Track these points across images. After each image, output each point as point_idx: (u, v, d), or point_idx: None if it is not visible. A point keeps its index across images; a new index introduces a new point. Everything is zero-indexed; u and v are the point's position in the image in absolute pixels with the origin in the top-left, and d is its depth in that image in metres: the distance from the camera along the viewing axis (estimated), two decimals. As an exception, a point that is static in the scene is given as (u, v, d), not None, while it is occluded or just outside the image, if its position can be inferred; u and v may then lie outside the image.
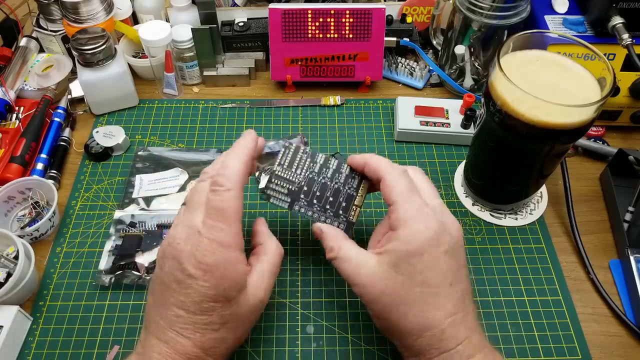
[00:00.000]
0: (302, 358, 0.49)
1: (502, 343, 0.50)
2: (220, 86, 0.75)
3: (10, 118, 0.67)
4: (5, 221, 0.58)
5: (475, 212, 0.60)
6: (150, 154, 0.65)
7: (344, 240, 0.44)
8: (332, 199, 0.47)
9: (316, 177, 0.48)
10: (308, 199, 0.47)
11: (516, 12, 0.63)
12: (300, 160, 0.48)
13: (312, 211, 0.47)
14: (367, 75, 0.71)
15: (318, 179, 0.48)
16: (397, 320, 0.39)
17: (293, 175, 0.48)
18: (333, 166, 0.48)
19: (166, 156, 0.64)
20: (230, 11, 0.76)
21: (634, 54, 0.58)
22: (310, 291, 0.53)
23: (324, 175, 0.48)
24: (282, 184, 0.47)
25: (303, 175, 0.48)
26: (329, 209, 0.47)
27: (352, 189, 0.47)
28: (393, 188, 0.42)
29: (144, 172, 0.63)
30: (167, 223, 0.57)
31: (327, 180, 0.48)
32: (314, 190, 0.47)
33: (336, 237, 0.44)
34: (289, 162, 0.48)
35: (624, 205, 0.58)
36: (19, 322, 0.49)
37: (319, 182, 0.47)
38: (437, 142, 0.67)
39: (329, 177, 0.48)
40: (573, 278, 0.55)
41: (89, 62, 0.64)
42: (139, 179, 0.62)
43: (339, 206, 0.47)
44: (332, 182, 0.47)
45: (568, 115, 0.45)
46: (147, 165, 0.63)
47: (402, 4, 0.76)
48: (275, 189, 0.47)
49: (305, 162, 0.48)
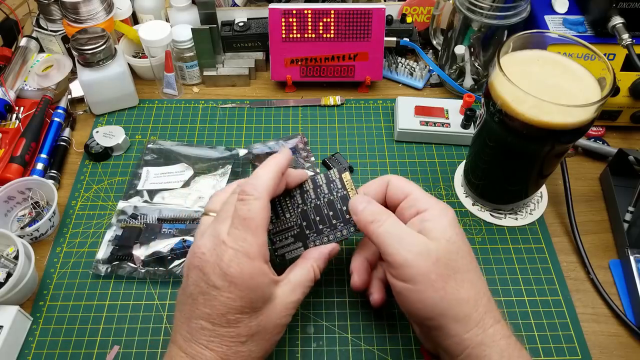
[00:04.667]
0: (302, 358, 0.49)
1: (502, 343, 0.50)
2: (220, 86, 0.75)
3: (10, 118, 0.67)
4: (5, 221, 0.58)
5: (475, 212, 0.60)
6: (160, 147, 0.65)
7: (389, 214, 0.42)
8: (332, 212, 0.46)
9: (304, 206, 0.47)
10: (314, 230, 0.46)
11: (516, 12, 0.63)
12: (281, 205, 0.47)
13: (326, 236, 0.46)
14: (367, 75, 0.71)
15: (307, 207, 0.47)
16: (454, 289, 0.38)
17: (286, 222, 0.47)
18: (311, 185, 0.47)
19: (175, 150, 0.65)
20: (230, 11, 0.76)
21: (634, 54, 0.58)
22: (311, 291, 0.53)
23: (310, 199, 0.47)
24: (285, 236, 0.47)
25: (294, 214, 0.47)
26: (335, 222, 0.46)
27: (340, 190, 0.47)
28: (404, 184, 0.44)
29: (152, 164, 0.63)
30: (168, 217, 0.57)
31: (316, 201, 0.47)
32: (312, 219, 0.46)
33: (381, 210, 0.42)
34: (274, 214, 0.47)
35: (624, 205, 0.58)
36: (19, 322, 0.49)
37: (311, 208, 0.47)
38: (437, 142, 0.67)
39: (314, 196, 0.47)
40: (573, 278, 0.55)
41: (89, 62, 0.64)
42: (146, 171, 0.62)
43: (342, 213, 0.46)
44: (321, 199, 0.47)
45: (568, 115, 0.45)
46: (156, 158, 0.64)
47: (402, 4, 0.76)
48: (283, 245, 0.47)
49: (286, 203, 0.47)
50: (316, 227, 0.46)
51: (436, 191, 0.62)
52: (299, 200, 0.47)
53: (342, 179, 0.47)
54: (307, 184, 0.47)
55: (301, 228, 0.46)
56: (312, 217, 0.46)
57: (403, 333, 0.50)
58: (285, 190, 0.46)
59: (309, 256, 0.44)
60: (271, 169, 0.42)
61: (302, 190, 0.47)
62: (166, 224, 0.57)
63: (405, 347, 0.49)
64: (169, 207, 0.58)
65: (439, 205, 0.42)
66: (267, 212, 0.39)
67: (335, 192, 0.47)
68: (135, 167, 0.63)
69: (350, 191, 0.46)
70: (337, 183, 0.47)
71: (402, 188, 0.43)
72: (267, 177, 0.41)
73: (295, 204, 0.47)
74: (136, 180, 0.61)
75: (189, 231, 0.56)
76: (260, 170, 0.41)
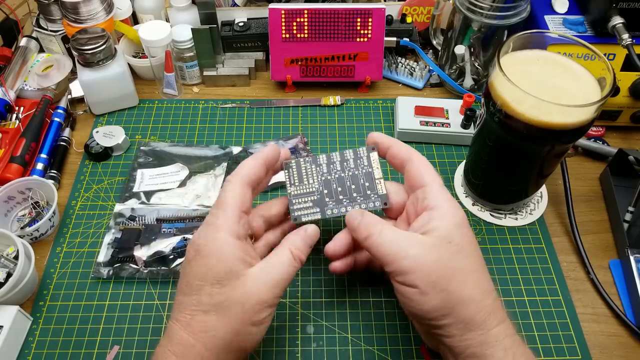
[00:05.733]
0: (302, 358, 0.49)
1: (502, 343, 0.50)
2: (220, 86, 0.75)
3: (10, 118, 0.67)
4: (5, 221, 0.58)
5: (475, 212, 0.60)
6: (152, 149, 0.65)
7: (383, 223, 0.43)
8: (354, 186, 0.47)
9: (328, 176, 0.48)
10: (334, 199, 0.47)
11: (516, 12, 0.63)
12: (307, 171, 0.48)
13: (344, 206, 0.47)
14: (367, 75, 0.71)
15: (331, 176, 0.48)
16: (457, 290, 0.38)
17: (309, 186, 0.48)
18: (338, 158, 0.48)
19: (168, 151, 0.65)
20: (230, 11, 0.76)
21: (634, 54, 0.58)
22: (310, 291, 0.53)
23: (335, 170, 0.48)
24: (304, 199, 0.47)
25: (317, 181, 0.48)
26: (356, 196, 0.47)
27: (365, 167, 0.48)
28: (424, 172, 0.44)
29: (146, 166, 0.63)
30: (166, 217, 0.57)
31: (340, 173, 0.48)
32: (334, 188, 0.47)
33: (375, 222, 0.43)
34: (297, 178, 0.48)
35: (624, 205, 0.58)
36: (19, 322, 0.49)
37: (334, 179, 0.48)
38: (437, 142, 0.67)
39: (340, 169, 0.48)
40: (573, 278, 0.55)
41: (89, 62, 0.64)
42: (141, 174, 0.62)
43: (364, 188, 0.47)
44: (345, 172, 0.48)
45: (568, 115, 0.45)
46: (150, 160, 0.64)
47: (402, 4, 0.76)
48: (301, 208, 0.47)
49: (312, 170, 0.48)
50: (336, 196, 0.47)
51: (436, 191, 0.62)
52: (324, 170, 0.48)
53: (369, 157, 0.48)
54: (335, 156, 0.48)
55: (322, 195, 0.47)
56: (334, 187, 0.47)
57: (403, 333, 0.50)
58: (313, 158, 0.48)
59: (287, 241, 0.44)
60: (253, 159, 0.44)
61: (330, 161, 0.48)
62: (165, 224, 0.57)
63: (405, 347, 0.49)
64: (167, 207, 0.58)
65: (449, 205, 0.42)
66: (238, 194, 0.42)
67: (361, 168, 0.48)
68: (130, 169, 0.63)
69: (376, 169, 0.47)
70: (364, 160, 0.48)
71: (420, 175, 0.43)
72: (247, 165, 0.44)
73: (320, 172, 0.48)
74: (131, 183, 0.61)
75: (189, 229, 0.56)
76: (244, 161, 0.45)
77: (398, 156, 0.46)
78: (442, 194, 0.42)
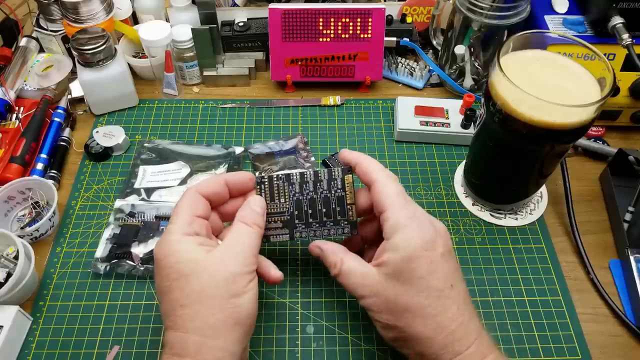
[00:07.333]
0: (302, 358, 0.49)
1: (502, 343, 0.50)
2: (220, 86, 0.75)
3: (10, 118, 0.67)
4: (5, 221, 0.58)
5: (475, 212, 0.60)
6: (155, 146, 0.65)
7: (344, 254, 0.44)
8: (325, 209, 0.47)
9: (300, 196, 0.47)
10: (304, 222, 0.47)
11: (516, 12, 0.63)
12: (279, 188, 0.47)
13: (313, 231, 0.46)
14: (367, 75, 0.71)
15: (303, 197, 0.47)
16: (406, 327, 0.39)
17: (279, 206, 0.47)
18: (312, 178, 0.47)
19: (171, 149, 0.65)
20: (230, 11, 0.76)
21: (634, 54, 0.58)
22: (310, 291, 0.53)
23: (307, 190, 0.47)
24: (274, 219, 0.47)
25: (288, 200, 0.47)
26: (326, 220, 0.46)
27: (339, 191, 0.47)
28: (385, 194, 0.42)
29: (148, 163, 0.63)
30: (166, 215, 0.57)
31: (312, 194, 0.47)
32: (305, 210, 0.47)
33: (336, 253, 0.44)
34: (269, 195, 0.47)
35: (624, 205, 0.58)
36: (19, 322, 0.49)
37: (306, 200, 0.47)
38: (437, 142, 0.67)
39: (312, 189, 0.47)
40: (573, 278, 0.55)
41: (89, 62, 0.64)
42: (142, 170, 0.62)
43: (335, 213, 0.46)
44: (317, 194, 0.47)
45: (568, 115, 0.45)
46: (152, 156, 0.64)
47: (402, 4, 0.76)
48: (271, 227, 0.47)
49: (284, 188, 0.47)
50: (306, 219, 0.47)
51: (436, 191, 0.62)
52: (297, 189, 0.47)
53: (344, 180, 0.47)
54: (309, 175, 0.47)
55: (292, 216, 0.47)
56: (304, 209, 0.47)
57: (403, 333, 0.50)
58: (286, 175, 0.47)
59: (236, 217, 0.45)
60: (214, 177, 0.46)
61: (302, 180, 0.47)
62: (164, 222, 0.57)
63: (405, 347, 0.49)
64: (166, 205, 0.58)
65: (404, 233, 0.40)
66: (189, 200, 0.44)
67: (334, 191, 0.47)
68: (133, 165, 0.63)
69: (349, 194, 0.47)
70: (338, 182, 0.47)
71: (382, 199, 0.42)
72: (206, 180, 0.46)
73: (292, 191, 0.47)
74: (133, 179, 0.61)
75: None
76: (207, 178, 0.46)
77: (364, 174, 0.45)
78: (402, 218, 0.41)
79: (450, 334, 0.39)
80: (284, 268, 0.54)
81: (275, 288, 0.53)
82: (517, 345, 0.50)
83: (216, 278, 0.39)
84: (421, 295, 0.39)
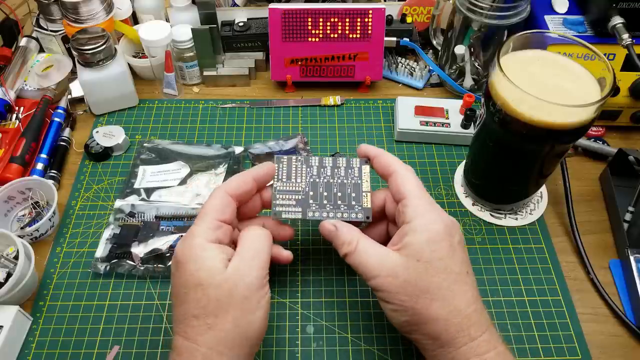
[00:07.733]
0: (302, 358, 0.49)
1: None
2: (220, 86, 0.75)
3: (10, 118, 0.67)
4: (5, 221, 0.58)
5: (475, 212, 0.60)
6: (155, 146, 0.65)
7: (360, 235, 0.43)
8: (341, 193, 0.47)
9: (317, 178, 0.48)
10: (318, 202, 0.47)
11: (516, 12, 0.63)
12: (297, 169, 0.48)
13: (326, 212, 0.47)
14: (367, 75, 0.71)
15: (320, 180, 0.48)
16: (423, 309, 0.39)
17: (295, 185, 0.48)
18: (330, 164, 0.48)
19: (171, 149, 0.65)
20: (230, 11, 0.76)
21: (634, 54, 0.58)
22: (310, 291, 0.53)
23: (325, 175, 0.48)
24: (288, 197, 0.47)
25: (305, 181, 0.48)
26: (340, 204, 0.47)
27: (355, 178, 0.48)
28: (404, 184, 0.43)
29: (148, 163, 0.63)
30: (165, 215, 0.57)
31: (329, 178, 0.48)
32: (320, 192, 0.47)
33: (352, 232, 0.44)
34: (286, 174, 0.48)
35: (624, 205, 0.58)
36: (19, 322, 0.49)
37: (322, 183, 0.48)
38: (437, 142, 0.67)
39: (330, 174, 0.48)
40: (573, 278, 0.55)
41: (89, 62, 0.64)
42: (142, 170, 0.62)
43: (350, 198, 0.47)
44: (334, 179, 0.48)
45: (568, 115, 0.45)
46: (152, 156, 0.64)
47: (402, 4, 0.76)
48: (284, 204, 0.47)
49: (302, 169, 0.48)
50: (320, 200, 0.47)
51: (436, 191, 0.62)
52: (314, 172, 0.48)
53: (360, 169, 0.48)
54: (327, 161, 0.48)
55: (306, 196, 0.47)
56: (320, 191, 0.47)
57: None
58: (305, 158, 0.49)
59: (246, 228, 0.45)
60: (242, 174, 0.46)
61: (321, 165, 0.48)
62: (164, 222, 0.57)
63: (405, 347, 0.49)
64: (166, 205, 0.58)
65: (425, 218, 0.41)
66: (218, 204, 0.43)
67: (351, 178, 0.48)
68: (132, 165, 0.63)
69: (365, 182, 0.47)
70: (355, 171, 0.48)
71: (402, 187, 0.43)
72: (235, 178, 0.45)
73: (309, 173, 0.48)
74: (133, 179, 0.61)
75: (187, 228, 0.56)
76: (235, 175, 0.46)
77: (383, 167, 0.46)
78: (422, 205, 0.42)
79: (466, 318, 0.39)
80: (284, 268, 0.54)
81: (275, 288, 0.53)
82: (517, 345, 0.50)
83: (232, 293, 0.39)
84: (440, 276, 0.40)
